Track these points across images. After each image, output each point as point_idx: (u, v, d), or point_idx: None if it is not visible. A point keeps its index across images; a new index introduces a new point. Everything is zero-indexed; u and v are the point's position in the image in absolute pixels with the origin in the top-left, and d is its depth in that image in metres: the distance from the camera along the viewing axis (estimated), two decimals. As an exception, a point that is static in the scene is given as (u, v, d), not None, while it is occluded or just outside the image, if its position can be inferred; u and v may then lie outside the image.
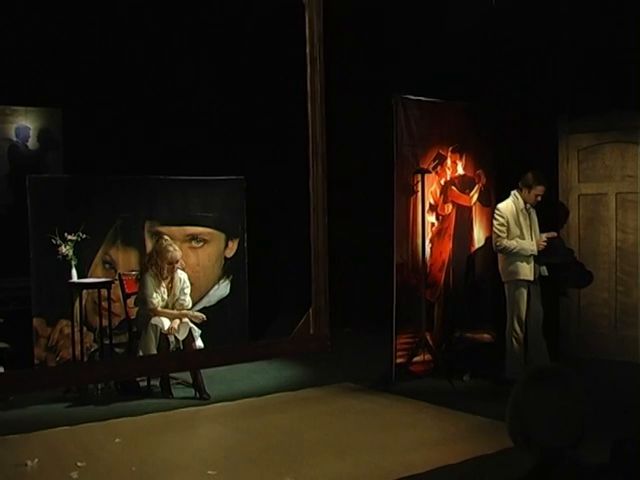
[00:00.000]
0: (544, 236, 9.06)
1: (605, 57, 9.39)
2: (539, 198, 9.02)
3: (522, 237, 8.96)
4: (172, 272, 8.91)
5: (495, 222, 9.04)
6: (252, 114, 11.96)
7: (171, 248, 8.89)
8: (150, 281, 8.79)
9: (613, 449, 3.03)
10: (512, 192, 9.06)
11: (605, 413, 6.70)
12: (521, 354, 9.01)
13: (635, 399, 3.32)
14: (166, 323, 8.68)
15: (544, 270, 9.10)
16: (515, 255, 8.91)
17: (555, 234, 9.21)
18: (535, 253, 8.91)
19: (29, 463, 6.52)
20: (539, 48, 9.78)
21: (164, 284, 8.90)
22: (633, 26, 9.02)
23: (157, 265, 8.81)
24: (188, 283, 9.10)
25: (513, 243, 8.90)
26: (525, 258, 8.91)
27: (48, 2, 9.89)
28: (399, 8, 10.23)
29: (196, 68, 11.40)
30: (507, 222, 8.95)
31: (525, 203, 9.02)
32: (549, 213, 9.53)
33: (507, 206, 9.03)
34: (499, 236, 8.97)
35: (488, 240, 9.85)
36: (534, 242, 8.97)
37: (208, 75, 11.51)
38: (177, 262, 8.92)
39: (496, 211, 9.09)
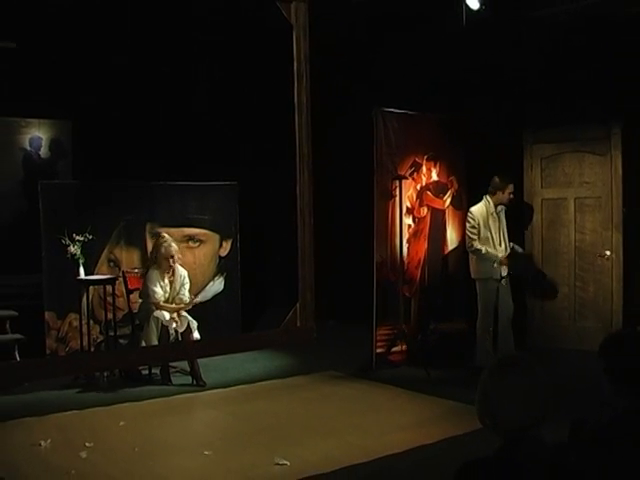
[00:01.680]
0: (509, 248, 9.07)
1: (565, 77, 9.45)
2: (512, 196, 9.05)
3: (492, 239, 8.98)
4: (172, 267, 8.93)
5: (467, 225, 9.07)
6: (244, 125, 11.97)
7: (166, 244, 8.93)
8: (155, 276, 8.82)
9: (571, 430, 3.08)
10: (484, 197, 9.11)
11: (564, 397, 6.76)
12: (490, 344, 9.04)
13: (591, 384, 3.36)
14: (167, 316, 8.70)
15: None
16: (484, 257, 8.95)
17: (519, 249, 9.23)
18: (499, 260, 8.93)
19: (43, 443, 6.55)
20: (506, 66, 9.83)
21: (167, 279, 8.92)
22: (589, 51, 9.12)
23: (159, 261, 8.84)
24: (188, 279, 9.12)
25: (483, 249, 8.91)
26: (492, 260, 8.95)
27: (58, 24, 9.88)
28: (381, 30, 10.29)
29: (194, 86, 11.40)
30: (478, 224, 8.98)
31: (496, 207, 9.04)
32: (515, 216, 9.56)
33: (479, 209, 9.06)
34: (471, 238, 9.00)
35: (460, 240, 9.92)
36: (500, 252, 8.96)
37: (205, 91, 11.52)
38: (172, 257, 8.94)
39: (469, 214, 9.12)
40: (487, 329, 9.02)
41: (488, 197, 9.07)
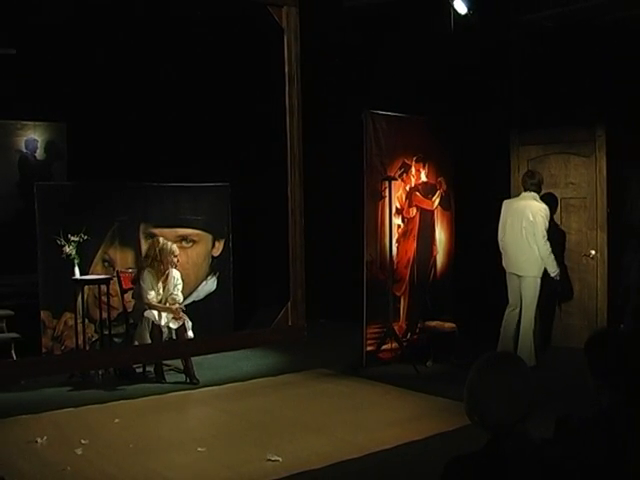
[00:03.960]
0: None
1: (551, 80, 9.49)
2: None
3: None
4: (167, 269, 8.93)
5: (544, 220, 8.74)
6: (236, 127, 12.00)
7: (169, 244, 8.97)
8: (149, 278, 8.81)
9: (556, 424, 3.10)
10: (535, 195, 8.87)
11: (551, 393, 6.80)
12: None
13: (577, 380, 3.39)
14: (157, 315, 8.70)
15: None
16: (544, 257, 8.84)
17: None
18: (552, 274, 8.90)
19: (39, 440, 6.56)
20: (494, 70, 9.87)
21: (160, 281, 8.92)
22: (575, 54, 9.16)
23: (159, 262, 8.82)
24: (180, 280, 9.11)
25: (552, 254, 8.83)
26: None
27: (53, 29, 9.89)
28: (371, 34, 10.32)
29: (186, 89, 11.41)
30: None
31: None
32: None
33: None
34: (547, 232, 8.77)
35: (448, 240, 9.97)
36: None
37: (197, 94, 11.53)
38: (177, 255, 8.97)
39: (545, 208, 8.80)
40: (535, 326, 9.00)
41: (536, 195, 8.92)
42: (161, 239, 9.14)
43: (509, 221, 8.96)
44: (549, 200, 9.28)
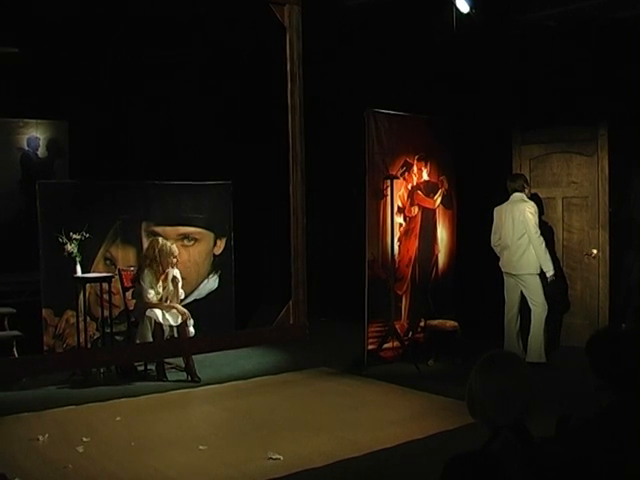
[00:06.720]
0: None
1: (553, 79, 9.49)
2: None
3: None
4: (167, 269, 8.93)
5: (533, 216, 8.98)
6: (238, 126, 12.00)
7: (169, 244, 8.98)
8: (149, 277, 8.82)
9: (557, 424, 3.11)
10: (522, 195, 9.09)
11: (552, 392, 6.80)
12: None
13: (578, 380, 3.40)
14: (159, 314, 8.71)
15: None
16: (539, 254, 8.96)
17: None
18: (548, 275, 8.98)
19: (40, 438, 6.57)
20: (496, 68, 9.86)
21: (161, 280, 8.93)
22: (577, 53, 9.16)
23: (158, 263, 8.83)
24: (180, 278, 9.13)
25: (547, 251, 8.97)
26: None
27: (55, 27, 9.89)
28: (373, 32, 10.31)
29: (188, 86, 11.41)
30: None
31: None
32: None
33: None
34: (538, 229, 8.97)
35: (450, 239, 9.97)
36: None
37: (199, 92, 11.54)
38: (177, 255, 8.98)
39: (533, 206, 9.06)
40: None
41: (523, 195, 9.09)
42: (160, 239, 9.13)
43: (504, 224, 9.15)
44: (534, 200, 9.34)
